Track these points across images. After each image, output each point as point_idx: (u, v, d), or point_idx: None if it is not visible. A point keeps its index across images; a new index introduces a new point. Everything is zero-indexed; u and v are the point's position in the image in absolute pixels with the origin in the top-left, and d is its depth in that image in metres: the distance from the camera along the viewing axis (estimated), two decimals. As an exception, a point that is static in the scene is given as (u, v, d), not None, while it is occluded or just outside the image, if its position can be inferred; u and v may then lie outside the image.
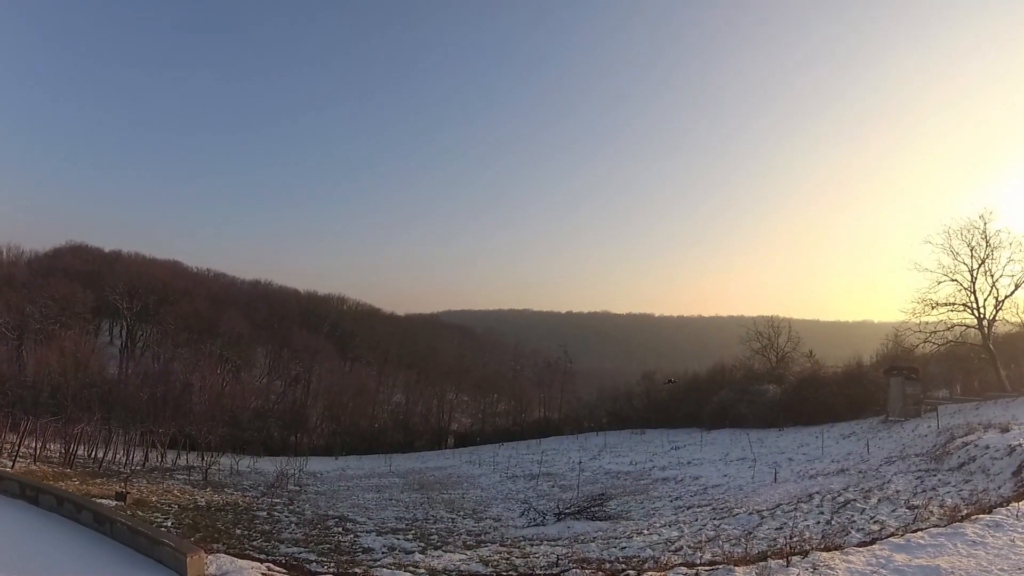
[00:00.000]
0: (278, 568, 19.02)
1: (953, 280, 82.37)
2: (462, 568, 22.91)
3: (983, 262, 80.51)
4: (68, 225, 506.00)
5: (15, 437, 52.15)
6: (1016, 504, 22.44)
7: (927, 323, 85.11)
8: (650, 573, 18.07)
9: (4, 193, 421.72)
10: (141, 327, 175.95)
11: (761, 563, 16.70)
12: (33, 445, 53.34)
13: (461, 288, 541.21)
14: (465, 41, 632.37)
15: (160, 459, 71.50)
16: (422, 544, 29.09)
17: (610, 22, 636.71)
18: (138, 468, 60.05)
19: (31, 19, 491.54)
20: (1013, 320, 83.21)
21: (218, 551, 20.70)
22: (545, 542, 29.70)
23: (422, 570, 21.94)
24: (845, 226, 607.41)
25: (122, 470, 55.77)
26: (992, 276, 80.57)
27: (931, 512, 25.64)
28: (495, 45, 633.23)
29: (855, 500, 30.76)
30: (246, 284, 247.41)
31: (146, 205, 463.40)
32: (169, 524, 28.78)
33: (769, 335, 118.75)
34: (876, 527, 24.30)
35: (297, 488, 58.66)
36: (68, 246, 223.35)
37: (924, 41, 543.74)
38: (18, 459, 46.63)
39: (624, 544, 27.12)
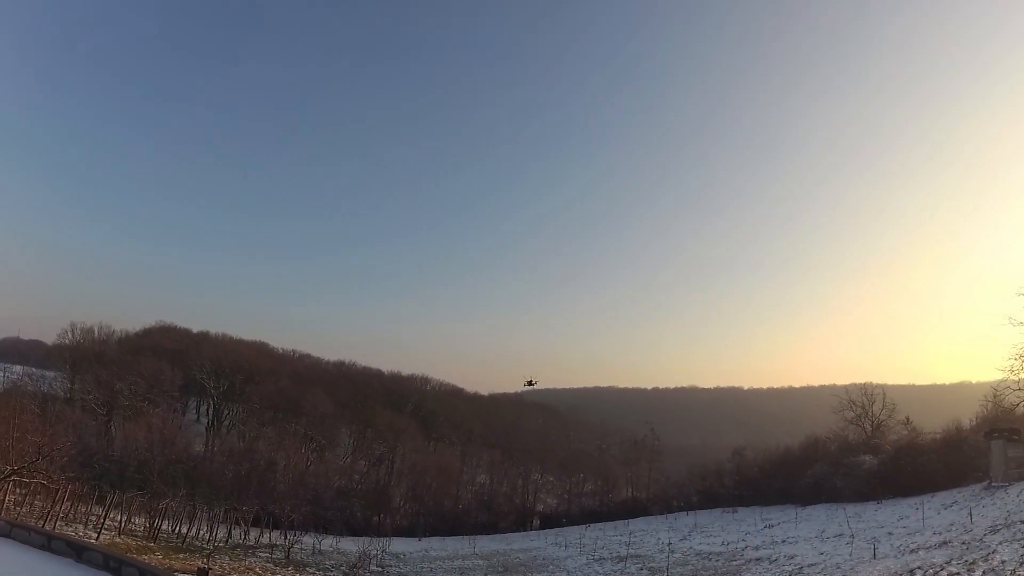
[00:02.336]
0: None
1: (1052, 332, 78.38)
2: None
3: (1082, 311, 76.67)
4: (157, 306, 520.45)
5: (101, 510, 52.58)
6: None
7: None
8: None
9: (98, 275, 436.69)
10: (227, 406, 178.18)
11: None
12: (118, 518, 53.67)
13: (544, 367, 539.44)
14: (540, 112, 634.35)
15: (243, 536, 71.54)
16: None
17: (688, 85, 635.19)
18: (221, 544, 60.07)
19: (120, 113, 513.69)
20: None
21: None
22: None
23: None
24: (936, 283, 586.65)
25: (205, 546, 55.81)
26: (1093, 325, 76.62)
27: (1039, 584, 24.07)
28: (573, 112, 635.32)
29: (959, 574, 29.11)
30: (330, 364, 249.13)
31: (233, 288, 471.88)
32: (248, 598, 28.38)
33: (863, 403, 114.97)
34: (983, 602, 22.85)
35: (379, 569, 58.09)
36: (157, 326, 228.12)
37: (1016, 88, 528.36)
38: (103, 531, 46.88)
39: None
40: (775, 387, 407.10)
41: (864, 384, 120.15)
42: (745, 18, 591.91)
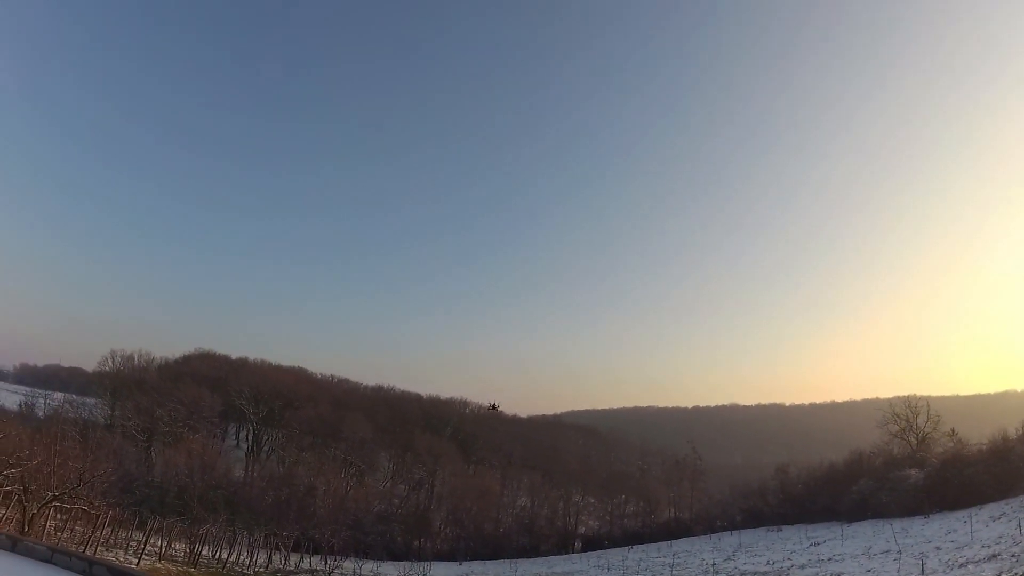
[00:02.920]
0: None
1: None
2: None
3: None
4: (196, 333, 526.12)
5: (141, 535, 52.32)
6: None
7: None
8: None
9: (137, 302, 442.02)
10: (267, 431, 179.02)
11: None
12: (159, 543, 53.45)
13: (583, 388, 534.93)
14: (567, 113, 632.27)
15: (284, 561, 71.21)
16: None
17: (715, 86, 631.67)
18: (262, 570, 59.82)
19: (153, 139, 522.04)
20: None
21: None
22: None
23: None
24: (974, 291, 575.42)
25: (245, 571, 55.55)
26: None
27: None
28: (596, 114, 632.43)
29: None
30: (369, 389, 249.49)
31: (271, 315, 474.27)
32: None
33: (907, 416, 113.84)
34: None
35: (421, 592, 57.44)
36: (196, 353, 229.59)
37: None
38: (144, 556, 46.58)
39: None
40: (817, 403, 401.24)
41: (908, 397, 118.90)
42: (771, 17, 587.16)
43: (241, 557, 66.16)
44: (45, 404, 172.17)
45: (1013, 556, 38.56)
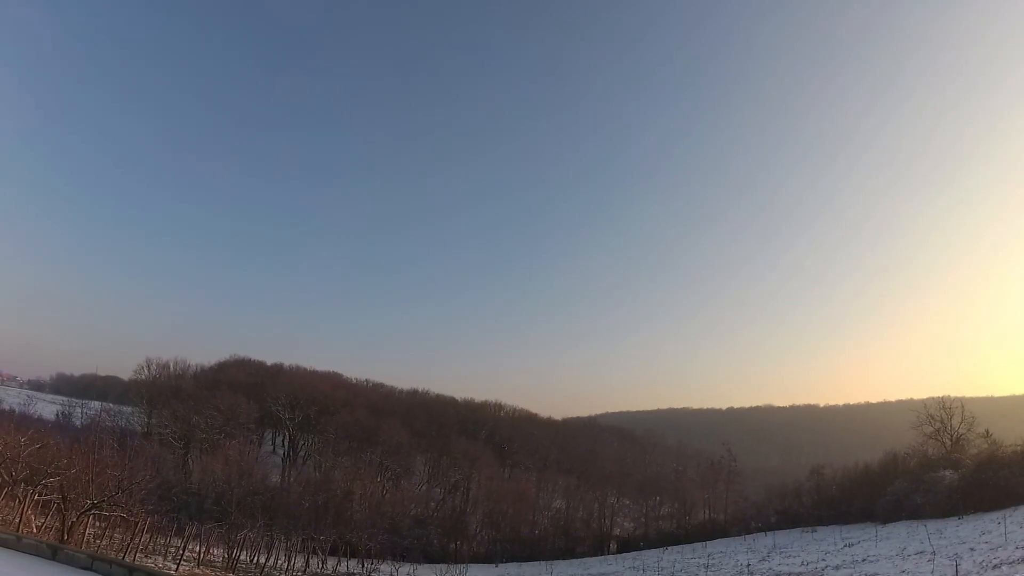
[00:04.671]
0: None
1: None
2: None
3: None
4: (232, 340, 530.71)
5: (180, 541, 52.84)
6: None
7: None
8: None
9: (171, 311, 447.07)
10: (303, 437, 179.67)
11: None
12: (197, 549, 54.02)
13: (618, 390, 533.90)
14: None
15: (321, 565, 71.70)
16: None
17: (744, 92, 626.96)
18: (299, 574, 60.11)
19: (185, 149, 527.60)
20: None
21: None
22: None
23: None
24: (1013, 293, 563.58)
25: (283, 575, 55.79)
26: None
27: None
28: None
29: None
30: (404, 394, 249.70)
31: (306, 321, 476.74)
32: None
33: (941, 417, 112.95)
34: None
35: (457, 594, 57.68)
36: (232, 360, 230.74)
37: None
38: (182, 562, 47.09)
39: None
40: (852, 404, 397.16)
41: (942, 398, 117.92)
42: (797, 33, 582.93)
43: (279, 561, 66.70)
44: (82, 413, 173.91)
45: (1047, 557, 38.43)
